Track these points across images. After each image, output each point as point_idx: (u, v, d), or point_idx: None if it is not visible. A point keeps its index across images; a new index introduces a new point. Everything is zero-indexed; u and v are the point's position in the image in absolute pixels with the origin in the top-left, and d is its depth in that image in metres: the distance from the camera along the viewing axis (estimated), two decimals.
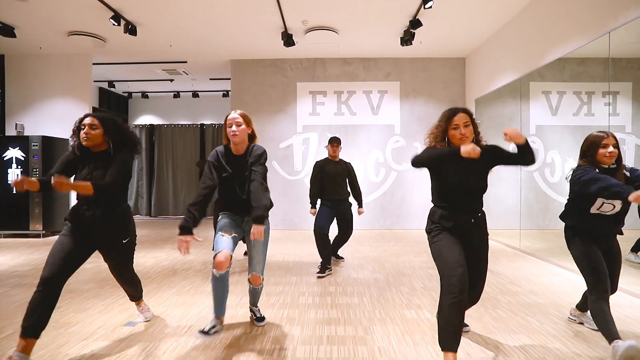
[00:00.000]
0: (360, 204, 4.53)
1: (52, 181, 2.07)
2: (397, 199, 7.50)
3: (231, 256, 2.35)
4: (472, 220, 2.14)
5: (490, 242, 2.35)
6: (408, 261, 4.73)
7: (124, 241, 2.46)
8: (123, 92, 10.24)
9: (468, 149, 1.97)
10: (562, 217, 2.55)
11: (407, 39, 6.07)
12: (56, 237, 2.33)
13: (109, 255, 2.50)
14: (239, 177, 2.50)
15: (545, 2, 4.99)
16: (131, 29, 5.74)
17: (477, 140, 2.22)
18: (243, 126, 2.49)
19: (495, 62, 6.41)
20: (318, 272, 4.00)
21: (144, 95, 10.29)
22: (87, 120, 2.36)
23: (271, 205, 2.58)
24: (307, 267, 4.43)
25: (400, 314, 2.94)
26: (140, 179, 10.16)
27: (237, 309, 3.07)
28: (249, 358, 2.28)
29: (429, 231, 2.24)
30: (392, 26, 6.04)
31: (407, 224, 7.45)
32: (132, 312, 2.96)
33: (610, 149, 2.27)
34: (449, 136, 2.19)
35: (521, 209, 5.73)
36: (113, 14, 5.38)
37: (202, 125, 10.20)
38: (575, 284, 3.73)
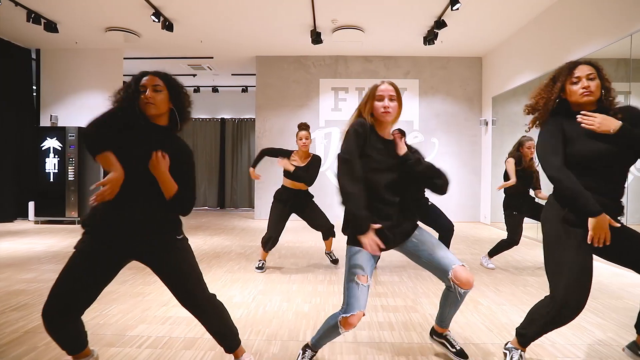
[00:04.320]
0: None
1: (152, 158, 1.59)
2: None
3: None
4: None
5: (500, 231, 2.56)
6: None
7: (178, 237, 1.74)
8: None
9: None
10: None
11: (430, 38, 6.34)
12: None
13: (167, 269, 1.70)
14: (387, 171, 1.82)
15: (562, 8, 5.25)
16: (168, 26, 6.01)
17: (607, 102, 1.76)
18: (396, 103, 1.84)
19: (512, 63, 6.68)
20: None
21: None
22: (146, 80, 1.66)
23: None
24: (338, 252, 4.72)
25: (441, 289, 3.23)
26: None
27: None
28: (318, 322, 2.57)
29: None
30: (416, 25, 6.30)
31: None
32: None
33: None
34: (567, 93, 1.79)
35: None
36: (154, 10, 5.66)
37: (222, 119, 10.48)
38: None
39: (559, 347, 2.19)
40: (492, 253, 4.05)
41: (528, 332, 1.85)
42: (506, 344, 1.98)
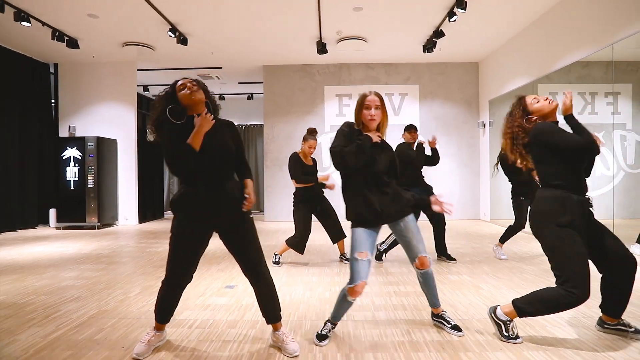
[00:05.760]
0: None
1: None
2: None
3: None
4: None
5: (499, 227, 2.93)
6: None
7: (249, 213, 2.11)
8: (153, 96, 10.87)
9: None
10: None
11: (429, 47, 6.73)
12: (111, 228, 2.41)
13: (237, 238, 2.07)
14: (376, 169, 2.25)
15: (553, 18, 5.65)
16: (183, 40, 6.40)
17: None
18: (380, 110, 2.24)
19: (507, 68, 7.07)
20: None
21: None
22: (183, 81, 2.07)
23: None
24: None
25: (445, 278, 3.60)
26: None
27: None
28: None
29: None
30: (416, 35, 6.70)
31: None
32: (227, 277, 3.62)
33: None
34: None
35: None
36: (170, 27, 6.05)
37: None
38: None
39: (547, 317, 2.55)
40: (503, 239, 4.47)
41: (529, 309, 2.14)
42: (495, 313, 2.28)
